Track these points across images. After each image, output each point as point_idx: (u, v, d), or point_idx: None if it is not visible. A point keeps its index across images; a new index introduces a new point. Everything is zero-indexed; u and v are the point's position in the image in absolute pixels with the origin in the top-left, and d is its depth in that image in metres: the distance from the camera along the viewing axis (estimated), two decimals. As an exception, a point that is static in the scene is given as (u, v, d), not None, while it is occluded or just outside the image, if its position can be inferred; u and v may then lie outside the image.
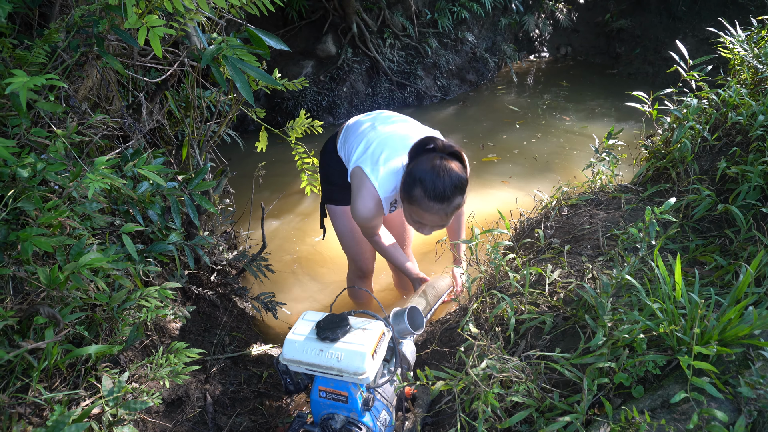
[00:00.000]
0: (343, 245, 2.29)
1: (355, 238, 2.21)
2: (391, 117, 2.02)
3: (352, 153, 1.91)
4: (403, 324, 1.52)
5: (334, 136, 2.15)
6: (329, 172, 2.14)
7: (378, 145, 1.85)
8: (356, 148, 1.89)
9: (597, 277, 1.56)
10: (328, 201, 2.19)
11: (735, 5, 6.35)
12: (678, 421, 1.06)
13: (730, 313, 1.14)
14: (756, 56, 2.32)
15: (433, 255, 2.87)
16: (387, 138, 1.87)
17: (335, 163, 2.06)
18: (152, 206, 1.60)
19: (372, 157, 1.83)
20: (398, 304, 1.67)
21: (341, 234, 2.23)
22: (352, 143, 1.95)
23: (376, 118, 2.00)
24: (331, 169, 2.11)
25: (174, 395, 1.64)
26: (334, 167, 2.07)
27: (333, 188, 2.14)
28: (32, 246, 1.13)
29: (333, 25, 5.39)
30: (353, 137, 1.96)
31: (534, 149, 4.51)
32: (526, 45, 7.75)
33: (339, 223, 2.19)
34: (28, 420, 1.18)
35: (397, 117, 2.03)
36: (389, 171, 1.80)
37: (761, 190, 1.70)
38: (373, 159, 1.82)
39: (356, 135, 1.96)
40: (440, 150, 1.66)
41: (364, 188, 1.81)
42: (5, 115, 1.34)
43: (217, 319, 2.19)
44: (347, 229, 2.19)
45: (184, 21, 1.50)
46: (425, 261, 2.87)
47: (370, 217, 1.85)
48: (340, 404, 1.30)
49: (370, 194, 1.81)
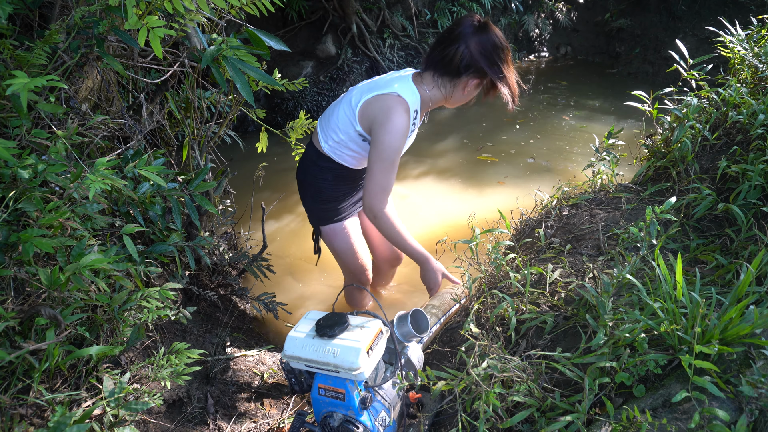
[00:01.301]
0: (345, 263, 2.18)
1: (356, 253, 2.13)
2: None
3: (348, 114, 1.76)
4: (406, 327, 1.53)
5: (309, 143, 2.01)
6: (319, 183, 1.96)
7: (367, 83, 1.77)
8: (349, 103, 1.76)
9: (598, 277, 1.56)
10: (322, 222, 2.06)
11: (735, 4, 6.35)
12: (679, 421, 1.06)
13: (731, 312, 1.14)
14: (756, 55, 2.32)
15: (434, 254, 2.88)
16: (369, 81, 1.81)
17: (324, 163, 1.91)
18: (153, 207, 1.60)
19: (373, 85, 1.74)
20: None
21: (342, 252, 2.12)
22: (337, 112, 1.81)
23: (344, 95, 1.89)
24: (321, 178, 1.94)
25: (175, 396, 1.64)
26: (324, 171, 1.92)
27: (326, 206, 2.02)
28: (33, 247, 1.13)
29: (333, 26, 5.39)
30: (334, 109, 1.84)
31: (533, 149, 4.51)
32: (525, 44, 7.76)
33: (338, 240, 2.08)
34: (29, 421, 1.19)
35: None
36: (401, 81, 1.70)
37: (762, 189, 1.70)
38: (377, 85, 1.72)
39: (336, 105, 1.84)
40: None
41: (390, 106, 1.65)
42: (6, 116, 1.34)
43: (217, 319, 2.19)
44: (348, 246, 2.10)
45: (185, 22, 1.50)
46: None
47: (404, 134, 1.67)
48: (338, 402, 1.31)
49: (401, 106, 1.65)
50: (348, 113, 1.78)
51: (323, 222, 2.08)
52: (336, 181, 1.95)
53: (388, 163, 1.70)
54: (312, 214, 2.10)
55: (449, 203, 3.60)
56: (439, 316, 1.94)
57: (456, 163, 4.27)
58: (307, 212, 2.13)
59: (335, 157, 1.89)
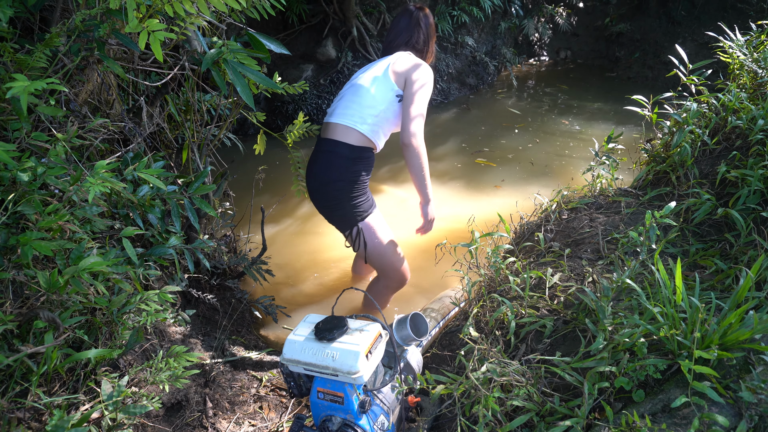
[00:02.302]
0: (386, 258, 2.15)
1: (395, 246, 2.14)
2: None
3: (381, 83, 2.03)
4: (405, 330, 1.52)
5: (332, 145, 2.02)
6: (355, 178, 2.02)
7: (373, 65, 2.12)
8: (377, 77, 2.04)
9: (597, 281, 1.56)
10: (361, 217, 2.06)
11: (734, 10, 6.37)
12: (679, 426, 1.06)
13: (731, 318, 1.14)
14: (755, 60, 2.33)
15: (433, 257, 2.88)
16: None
17: (357, 154, 2.00)
18: (152, 210, 1.60)
19: (383, 61, 2.10)
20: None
21: (383, 247, 2.10)
22: (367, 89, 2.04)
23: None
24: (355, 172, 2.02)
25: (174, 399, 1.64)
26: (357, 163, 2.01)
27: (361, 199, 2.04)
28: (32, 250, 1.13)
29: (333, 29, 5.40)
30: (360, 91, 2.05)
31: (532, 153, 4.51)
32: (525, 49, 7.77)
33: (380, 230, 2.09)
34: (27, 424, 1.18)
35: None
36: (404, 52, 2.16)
37: (761, 194, 1.71)
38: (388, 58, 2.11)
39: (359, 88, 2.05)
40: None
41: (413, 57, 2.12)
42: (6, 119, 1.34)
43: (216, 322, 2.19)
44: (388, 239, 2.11)
45: (185, 25, 1.50)
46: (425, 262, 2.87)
47: (430, 70, 2.09)
48: (336, 406, 1.31)
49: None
50: (382, 82, 2.03)
51: (362, 217, 2.07)
52: (366, 171, 2.06)
53: (425, 91, 2.02)
54: (348, 215, 2.07)
55: (448, 207, 3.59)
56: (438, 319, 1.94)
57: (454, 166, 4.27)
58: (341, 218, 2.10)
59: (373, 137, 2.03)
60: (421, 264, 2.87)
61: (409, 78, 2.02)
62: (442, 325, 1.93)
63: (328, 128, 2.07)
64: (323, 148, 2.07)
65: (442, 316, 1.95)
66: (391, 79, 2.02)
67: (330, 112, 2.11)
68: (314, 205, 2.17)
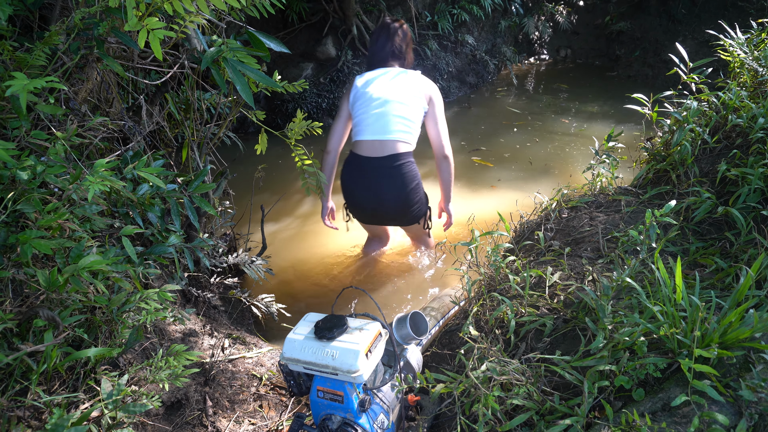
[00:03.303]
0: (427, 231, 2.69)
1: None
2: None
3: (416, 102, 2.36)
4: (405, 329, 1.52)
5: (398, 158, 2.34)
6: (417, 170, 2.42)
7: (393, 79, 2.41)
8: (411, 96, 2.36)
9: (597, 280, 1.56)
10: (428, 200, 2.53)
11: (734, 8, 6.36)
12: (679, 425, 1.06)
13: (731, 316, 1.14)
14: (756, 59, 2.33)
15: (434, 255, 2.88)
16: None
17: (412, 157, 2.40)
18: (152, 208, 1.59)
19: (402, 76, 2.42)
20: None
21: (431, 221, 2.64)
22: (404, 108, 2.34)
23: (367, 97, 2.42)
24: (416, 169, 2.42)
25: (173, 398, 1.64)
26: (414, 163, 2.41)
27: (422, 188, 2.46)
28: (32, 248, 1.13)
29: (333, 28, 5.40)
30: (401, 108, 2.34)
31: (531, 152, 4.50)
32: (525, 47, 7.76)
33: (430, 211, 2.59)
34: (27, 423, 1.18)
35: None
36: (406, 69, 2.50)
37: (761, 193, 1.70)
38: (404, 73, 2.43)
39: (396, 104, 2.34)
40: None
41: (428, 79, 2.48)
42: (5, 117, 1.34)
43: (216, 321, 2.19)
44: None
45: (185, 23, 1.50)
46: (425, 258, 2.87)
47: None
48: (336, 404, 1.31)
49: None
50: (415, 102, 2.36)
51: (428, 199, 2.53)
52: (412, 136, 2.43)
53: (444, 109, 2.47)
54: (423, 206, 2.50)
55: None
56: (438, 318, 1.94)
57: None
58: (419, 212, 2.49)
59: (414, 143, 2.41)
60: (421, 262, 2.87)
61: (433, 98, 2.41)
62: (441, 324, 1.93)
63: (377, 145, 2.35)
64: (383, 164, 2.34)
65: (441, 315, 1.95)
66: (422, 99, 2.37)
67: (369, 129, 2.36)
68: (393, 221, 2.56)
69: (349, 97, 2.47)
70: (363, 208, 2.49)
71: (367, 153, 2.35)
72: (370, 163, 2.34)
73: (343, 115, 2.52)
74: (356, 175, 2.41)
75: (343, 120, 2.53)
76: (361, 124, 2.38)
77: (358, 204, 2.48)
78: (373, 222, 2.64)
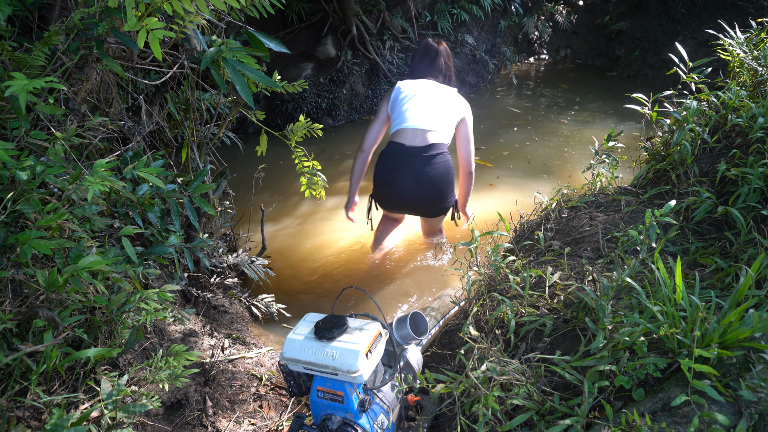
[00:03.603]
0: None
1: None
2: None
3: (451, 112, 2.53)
4: (405, 329, 1.52)
5: (437, 149, 2.43)
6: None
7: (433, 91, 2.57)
8: (447, 105, 2.53)
9: (597, 280, 1.56)
10: (455, 200, 2.63)
11: (734, 7, 6.36)
12: (679, 425, 1.05)
13: (731, 316, 1.14)
14: (755, 58, 2.32)
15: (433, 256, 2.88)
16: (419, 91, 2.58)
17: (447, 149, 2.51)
18: (152, 209, 1.59)
19: (443, 90, 2.60)
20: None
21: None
22: (443, 113, 2.50)
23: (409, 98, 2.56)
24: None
25: (173, 398, 1.64)
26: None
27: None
28: (31, 249, 1.13)
29: (333, 28, 5.39)
30: (439, 109, 2.50)
31: (531, 152, 4.51)
32: (525, 47, 7.76)
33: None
34: (26, 423, 1.18)
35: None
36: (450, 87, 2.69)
37: (761, 193, 1.70)
38: (445, 89, 2.62)
39: (437, 104, 2.51)
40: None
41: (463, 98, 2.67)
42: (5, 117, 1.34)
43: (216, 321, 2.19)
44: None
45: (184, 23, 1.50)
46: (425, 261, 2.87)
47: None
48: (336, 405, 1.31)
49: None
50: (453, 108, 2.54)
51: (455, 194, 2.64)
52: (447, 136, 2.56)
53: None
54: (452, 197, 2.58)
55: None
56: (438, 318, 1.94)
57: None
58: (448, 203, 2.57)
59: (449, 143, 2.53)
60: (421, 262, 2.87)
61: (466, 118, 2.59)
62: (441, 324, 1.93)
63: (419, 133, 2.44)
64: (425, 153, 2.42)
65: (441, 315, 1.95)
66: (457, 113, 2.54)
67: (411, 119, 2.47)
68: (422, 211, 2.61)
69: (390, 98, 2.59)
70: (399, 195, 2.51)
71: (408, 142, 2.45)
72: (412, 151, 2.44)
73: (382, 116, 2.62)
74: (398, 161, 2.46)
75: (381, 121, 2.63)
76: (402, 115, 2.49)
77: (395, 190, 2.50)
78: (401, 210, 2.69)
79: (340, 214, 3.37)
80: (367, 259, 2.93)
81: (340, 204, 3.44)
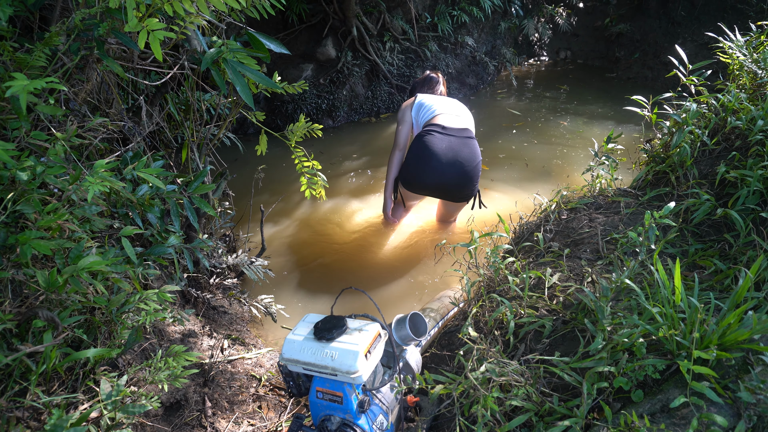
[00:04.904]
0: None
1: None
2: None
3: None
4: (404, 330, 1.52)
5: (469, 132, 2.67)
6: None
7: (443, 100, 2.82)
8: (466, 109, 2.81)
9: (596, 281, 1.56)
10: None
11: (734, 10, 6.37)
12: (678, 426, 1.06)
13: (730, 318, 1.14)
14: (755, 61, 2.33)
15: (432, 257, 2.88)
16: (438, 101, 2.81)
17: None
18: (151, 209, 1.59)
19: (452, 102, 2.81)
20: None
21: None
22: (467, 113, 2.77)
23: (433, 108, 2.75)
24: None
25: (173, 399, 1.64)
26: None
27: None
28: (31, 249, 1.13)
29: (333, 29, 5.40)
30: (463, 109, 2.77)
31: (530, 153, 4.51)
32: (525, 49, 7.77)
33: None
34: (26, 424, 1.18)
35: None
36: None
37: (760, 195, 1.71)
38: (454, 101, 2.84)
39: (454, 104, 2.76)
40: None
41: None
42: (5, 118, 1.34)
43: (215, 322, 2.19)
44: None
45: (185, 24, 1.50)
46: (425, 262, 2.87)
47: None
48: (335, 405, 1.31)
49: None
50: (470, 114, 2.80)
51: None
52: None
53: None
54: (478, 183, 2.70)
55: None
56: (438, 319, 1.94)
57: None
58: (474, 188, 2.69)
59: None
60: (420, 263, 2.87)
61: (472, 126, 2.79)
62: (441, 325, 1.93)
63: (452, 118, 2.65)
64: (460, 135, 2.60)
65: (441, 316, 1.95)
66: (472, 119, 2.79)
67: (445, 109, 2.70)
68: (452, 191, 2.69)
69: (412, 105, 2.79)
70: (435, 171, 2.56)
71: (447, 123, 2.62)
72: (450, 131, 2.60)
73: (407, 120, 2.79)
74: (437, 139, 2.56)
75: (408, 124, 2.80)
76: (433, 109, 2.69)
77: (432, 166, 2.56)
78: (431, 189, 2.71)
79: (339, 215, 3.37)
80: (368, 260, 2.93)
81: (340, 205, 3.44)
